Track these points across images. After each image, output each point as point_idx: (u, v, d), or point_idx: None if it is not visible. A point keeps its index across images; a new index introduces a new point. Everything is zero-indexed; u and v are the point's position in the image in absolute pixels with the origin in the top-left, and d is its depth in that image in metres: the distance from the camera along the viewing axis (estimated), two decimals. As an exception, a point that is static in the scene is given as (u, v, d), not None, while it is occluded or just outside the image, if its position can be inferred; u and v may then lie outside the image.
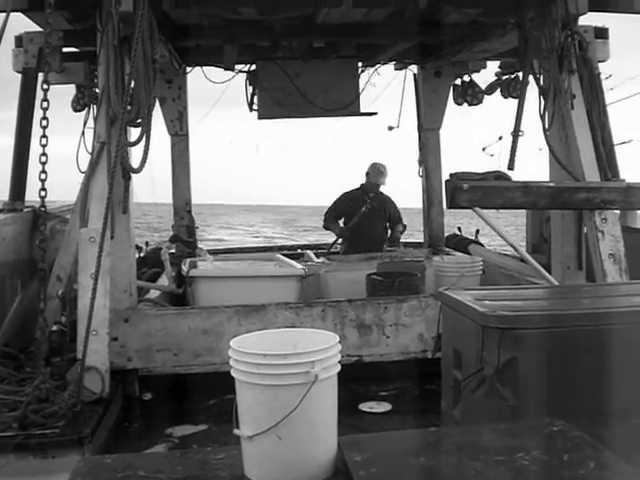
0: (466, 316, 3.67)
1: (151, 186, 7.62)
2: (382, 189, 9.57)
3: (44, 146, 4.83)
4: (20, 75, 6.55)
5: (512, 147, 6.14)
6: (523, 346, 3.38)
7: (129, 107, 5.09)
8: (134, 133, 5.30)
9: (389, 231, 9.61)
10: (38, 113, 6.27)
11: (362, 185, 9.48)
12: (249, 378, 2.79)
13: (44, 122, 4.85)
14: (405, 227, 9.64)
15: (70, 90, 7.15)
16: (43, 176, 4.81)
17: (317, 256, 8.58)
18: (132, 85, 5.11)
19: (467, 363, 3.64)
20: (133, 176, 5.33)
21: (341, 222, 9.58)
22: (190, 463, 3.06)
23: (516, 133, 6.13)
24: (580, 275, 6.01)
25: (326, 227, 9.77)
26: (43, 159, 4.83)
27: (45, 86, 4.86)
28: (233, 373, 2.87)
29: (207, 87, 8.49)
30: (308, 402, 2.73)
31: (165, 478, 2.84)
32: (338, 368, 2.90)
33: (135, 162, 5.28)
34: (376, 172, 9.41)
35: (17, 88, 6.58)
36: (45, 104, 4.86)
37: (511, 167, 6.13)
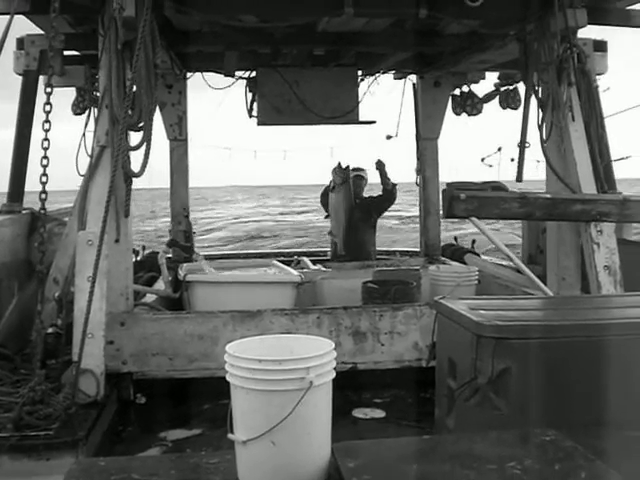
0: (461, 325, 3.68)
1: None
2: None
3: (46, 149, 4.83)
4: (20, 77, 6.57)
5: (519, 159, 6.18)
6: (517, 356, 3.39)
7: (130, 111, 5.11)
8: (133, 137, 5.32)
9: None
10: (38, 116, 6.38)
11: None
12: (244, 383, 2.80)
13: (46, 125, 4.86)
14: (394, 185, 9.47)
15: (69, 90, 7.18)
16: (44, 179, 4.82)
17: (313, 263, 8.61)
18: (133, 89, 5.13)
19: (461, 372, 3.65)
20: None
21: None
22: (184, 467, 3.08)
23: (522, 145, 6.16)
24: (575, 286, 6.03)
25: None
26: (44, 162, 4.83)
27: (48, 90, 4.88)
28: (228, 378, 2.88)
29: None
30: (303, 408, 2.74)
31: (159, 481, 2.85)
32: (333, 375, 2.91)
33: (134, 166, 5.29)
34: None
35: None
36: (48, 107, 4.87)
37: (519, 179, 6.17)
